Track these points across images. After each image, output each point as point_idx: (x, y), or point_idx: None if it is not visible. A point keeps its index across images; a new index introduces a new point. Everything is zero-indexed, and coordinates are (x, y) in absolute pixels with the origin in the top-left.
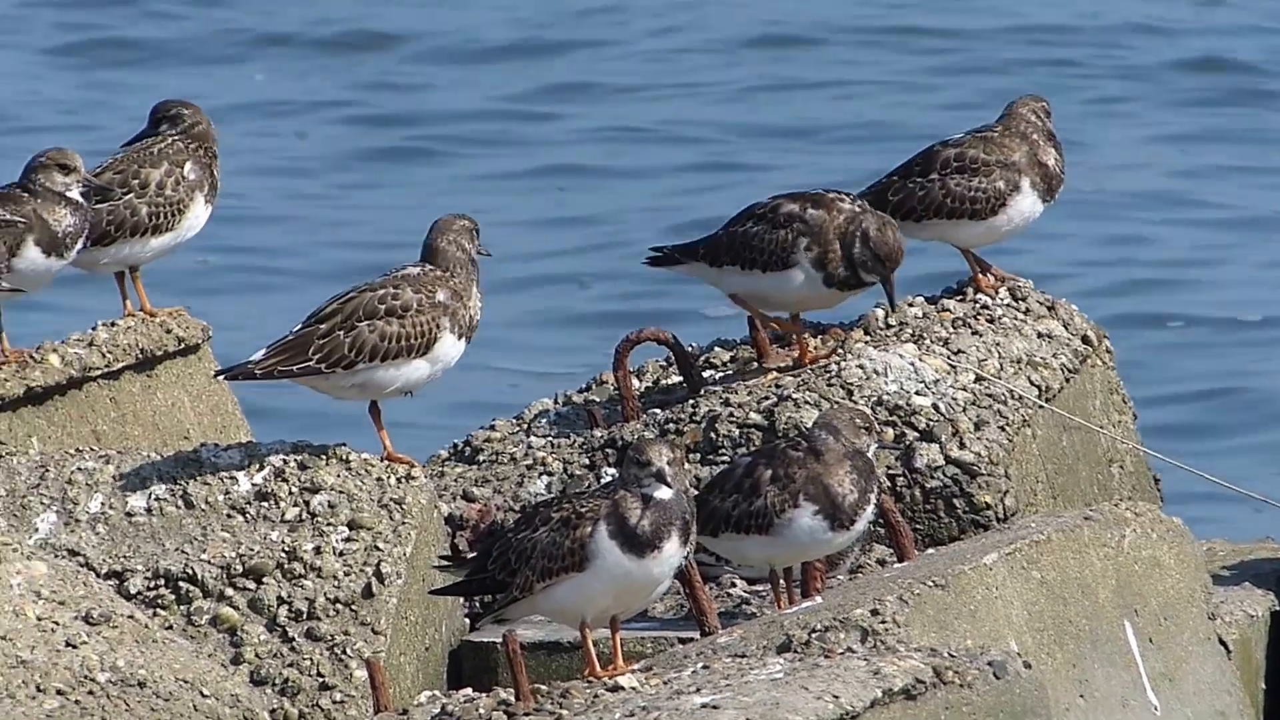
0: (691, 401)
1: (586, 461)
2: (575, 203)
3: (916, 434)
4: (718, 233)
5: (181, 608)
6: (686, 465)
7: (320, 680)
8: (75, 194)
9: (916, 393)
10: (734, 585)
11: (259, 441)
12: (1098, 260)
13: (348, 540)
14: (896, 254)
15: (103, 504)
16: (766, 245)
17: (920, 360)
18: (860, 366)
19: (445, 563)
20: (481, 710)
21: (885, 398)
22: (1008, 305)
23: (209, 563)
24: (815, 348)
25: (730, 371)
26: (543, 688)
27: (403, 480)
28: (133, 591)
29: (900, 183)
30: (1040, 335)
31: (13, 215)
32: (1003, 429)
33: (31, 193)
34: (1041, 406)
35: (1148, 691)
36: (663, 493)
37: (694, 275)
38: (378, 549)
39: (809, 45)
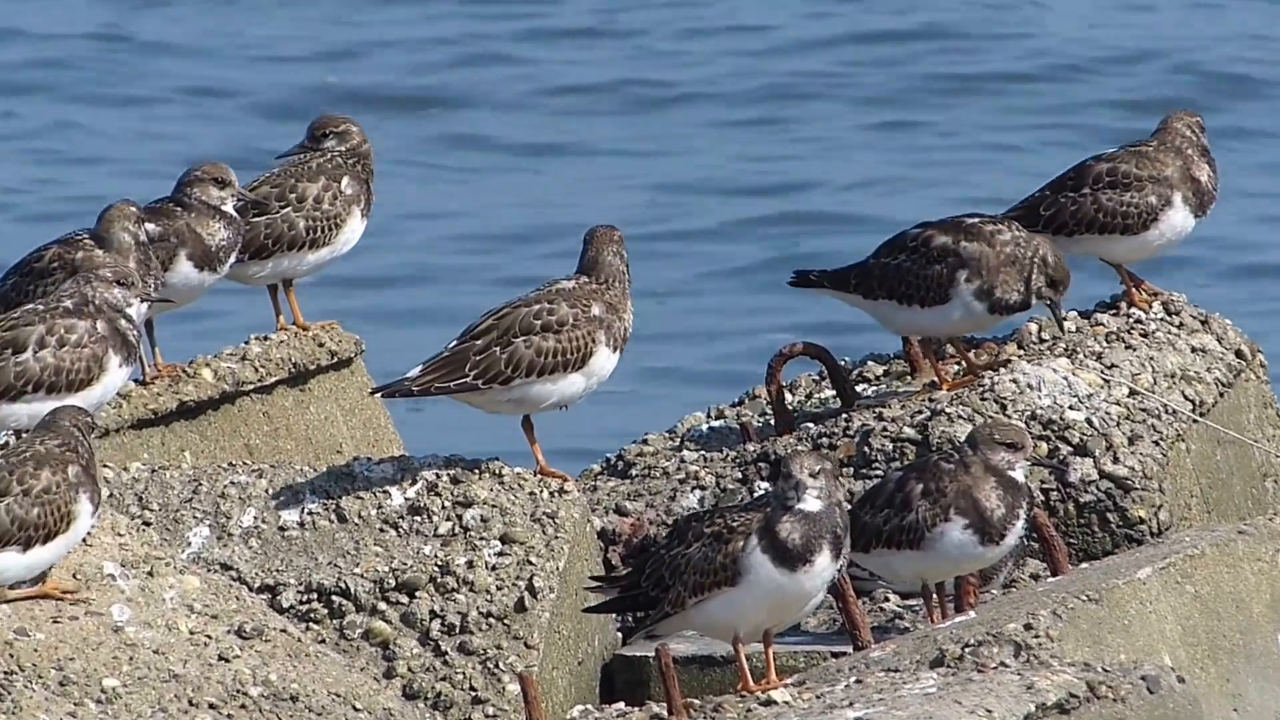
0: (845, 416)
1: (739, 475)
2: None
3: (1070, 448)
4: (868, 262)
5: (334, 622)
6: (840, 479)
7: (473, 694)
8: (229, 208)
9: (1070, 407)
10: (887, 599)
11: (412, 455)
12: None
13: (500, 554)
14: (1069, 279)
15: (255, 518)
16: (922, 281)
17: (1074, 374)
18: (1014, 381)
19: (597, 582)
20: None
21: (1039, 412)
22: (1161, 319)
23: (362, 577)
24: (954, 375)
25: (883, 386)
26: (695, 702)
27: (556, 494)
28: (285, 605)
29: (1052, 197)
30: (1194, 350)
31: (164, 230)
32: (1156, 443)
33: (185, 207)
34: (1195, 421)
35: None
36: (809, 505)
37: (843, 301)
38: (530, 563)
39: None
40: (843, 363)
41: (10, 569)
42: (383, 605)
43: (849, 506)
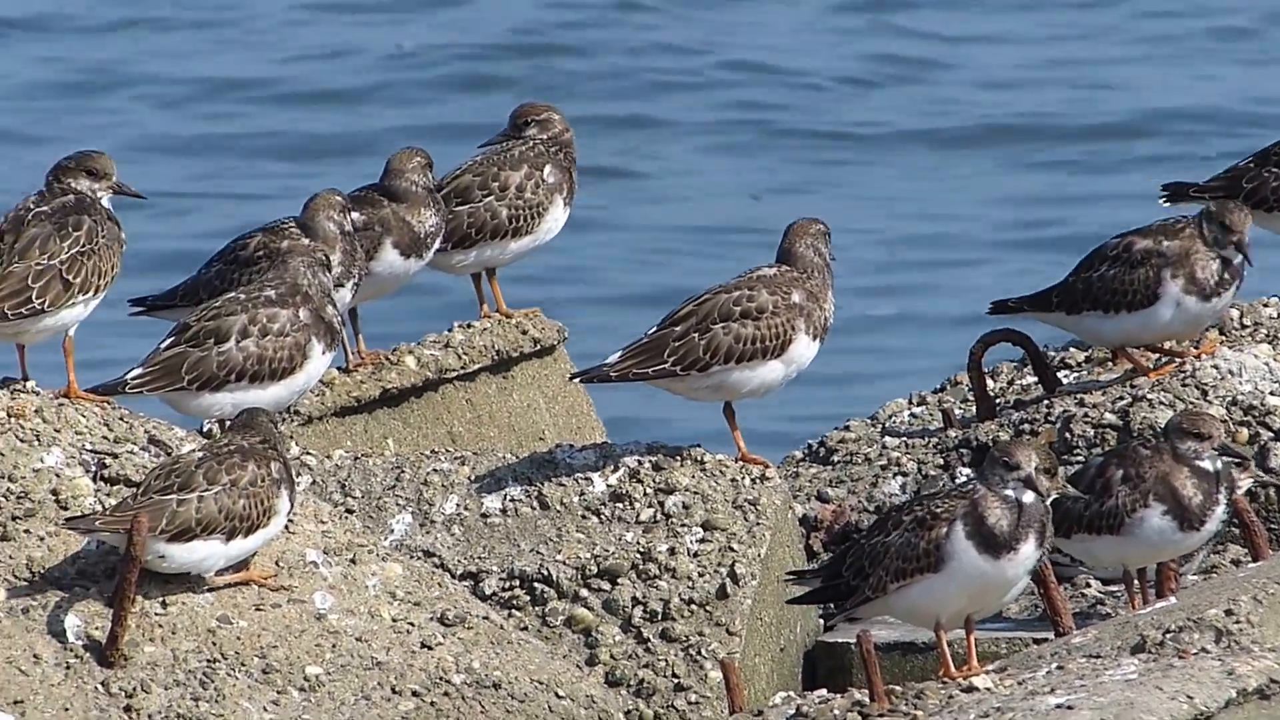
0: (1046, 402)
1: (941, 462)
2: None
3: (1271, 434)
4: (1069, 280)
5: (536, 609)
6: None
7: (675, 681)
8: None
9: (1271, 393)
10: (1089, 585)
11: (614, 442)
12: None
13: (702, 541)
14: (1237, 216)
15: (458, 505)
16: (1128, 285)
17: (1275, 360)
18: (1215, 367)
19: (795, 575)
20: (836, 711)
21: (1240, 398)
22: None
23: (564, 564)
24: (1156, 363)
25: (1085, 372)
26: (897, 688)
27: (757, 481)
28: (488, 592)
29: (1255, 170)
30: None
31: (370, 219)
32: None
33: (392, 195)
34: None
35: None
36: (1020, 493)
37: (1045, 322)
38: (732, 550)
39: None
40: (1044, 349)
41: (211, 558)
42: (585, 592)
43: None
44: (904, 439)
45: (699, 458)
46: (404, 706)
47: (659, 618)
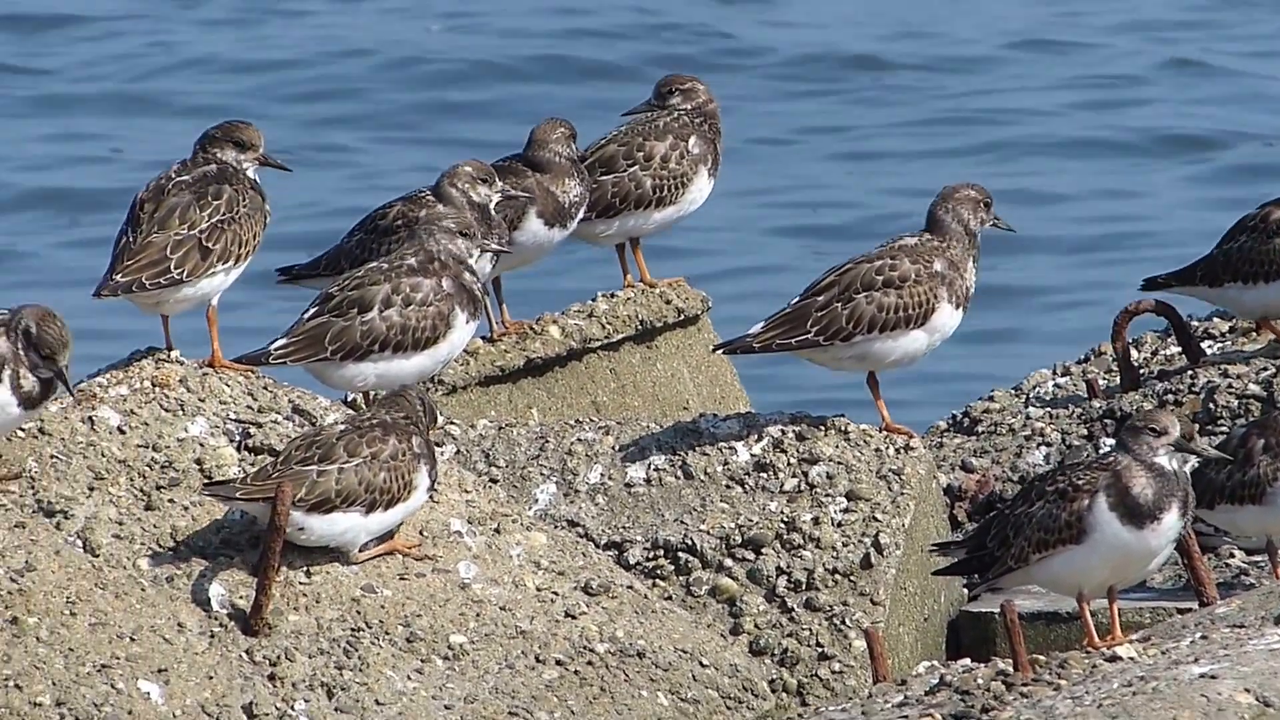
0: (1190, 372)
1: (1085, 432)
2: None
3: None
4: (1212, 253)
5: (680, 578)
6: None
7: (819, 650)
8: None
9: None
10: (1232, 555)
11: (758, 412)
12: None
13: (846, 511)
14: None
15: (602, 475)
16: (1263, 256)
17: None
18: None
19: (939, 547)
20: (980, 680)
21: None
22: None
23: (708, 533)
24: None
25: (1229, 342)
26: (1040, 658)
27: (901, 451)
28: (632, 562)
29: None
30: None
31: (514, 189)
32: None
33: (536, 165)
34: None
35: None
36: (1164, 462)
37: (1191, 296)
38: (876, 520)
39: None
40: (1188, 319)
41: (351, 530)
42: (729, 562)
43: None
44: (1048, 409)
45: (843, 427)
46: (548, 675)
47: (803, 587)
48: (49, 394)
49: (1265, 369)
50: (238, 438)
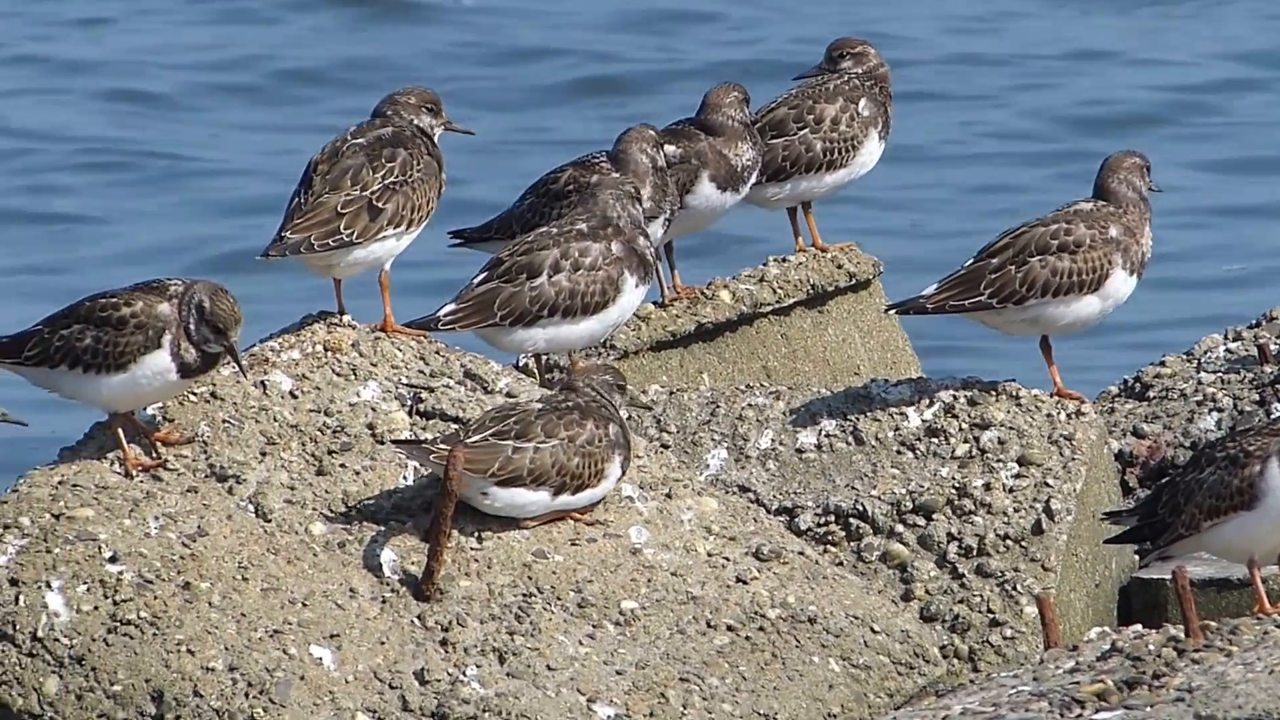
0: None
1: (1256, 398)
2: None
3: None
4: None
5: (851, 544)
6: None
7: (990, 617)
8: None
9: None
10: None
11: (928, 377)
12: None
13: (1017, 477)
14: None
15: (773, 440)
16: None
17: None
18: None
19: (1112, 516)
20: (1151, 646)
21: None
22: None
23: (879, 499)
24: None
25: None
26: (1212, 624)
27: (1073, 416)
28: (803, 527)
29: None
30: None
31: (686, 152)
32: None
33: (708, 129)
34: None
35: None
36: None
37: None
38: (1047, 485)
39: None
40: None
41: (534, 505)
42: (900, 527)
43: None
44: (1219, 374)
45: (1014, 392)
46: (719, 641)
47: (974, 553)
48: (211, 366)
49: None
50: (409, 402)
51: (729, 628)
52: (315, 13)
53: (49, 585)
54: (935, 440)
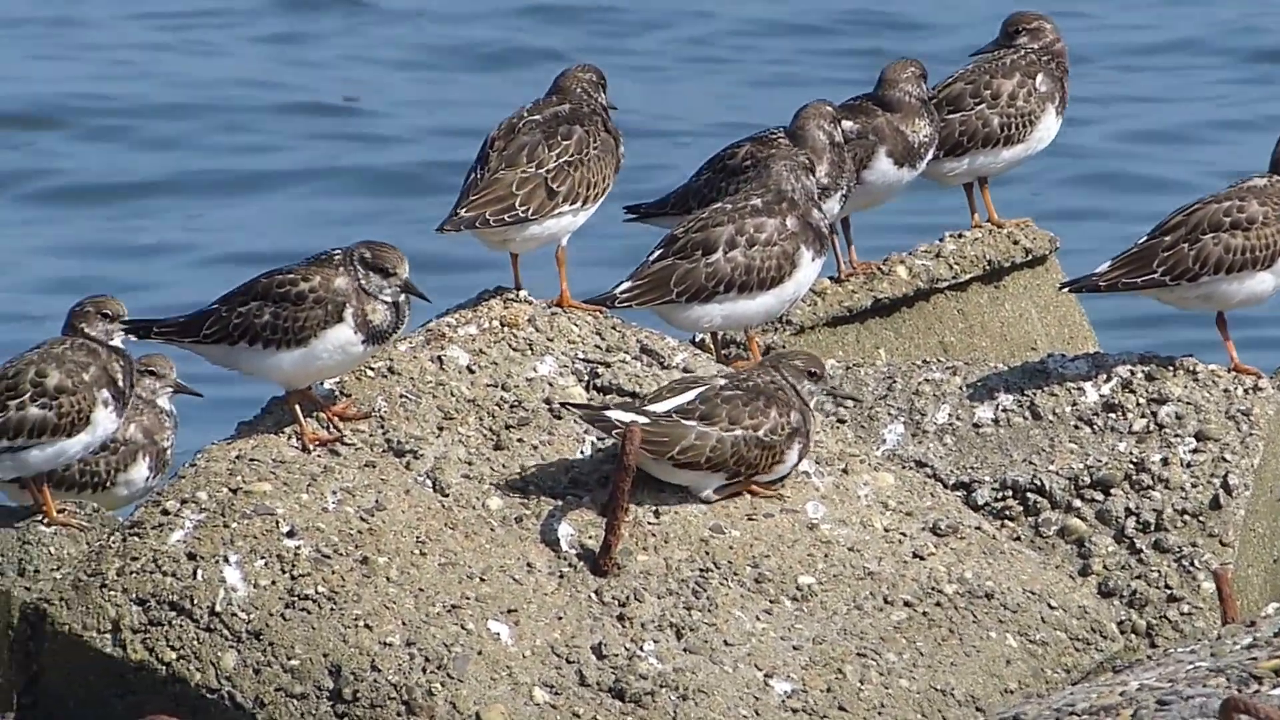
0: None
1: None
2: None
3: None
4: None
5: (1029, 519)
6: None
7: (1168, 592)
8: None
9: None
10: None
11: (1106, 352)
12: None
13: (1195, 451)
14: None
15: (950, 415)
16: None
17: None
18: None
19: None
20: None
21: None
22: None
23: (1057, 474)
24: None
25: None
26: None
27: (1250, 391)
28: (980, 503)
29: None
30: None
31: (863, 128)
32: None
33: (886, 105)
34: None
35: None
36: None
37: None
38: (1225, 460)
39: None
40: None
41: (709, 483)
42: (1077, 502)
43: None
44: None
45: (1191, 368)
46: (896, 616)
47: (1152, 528)
48: (397, 327)
49: None
50: (586, 377)
51: (906, 603)
52: None
53: (226, 560)
54: (1113, 415)
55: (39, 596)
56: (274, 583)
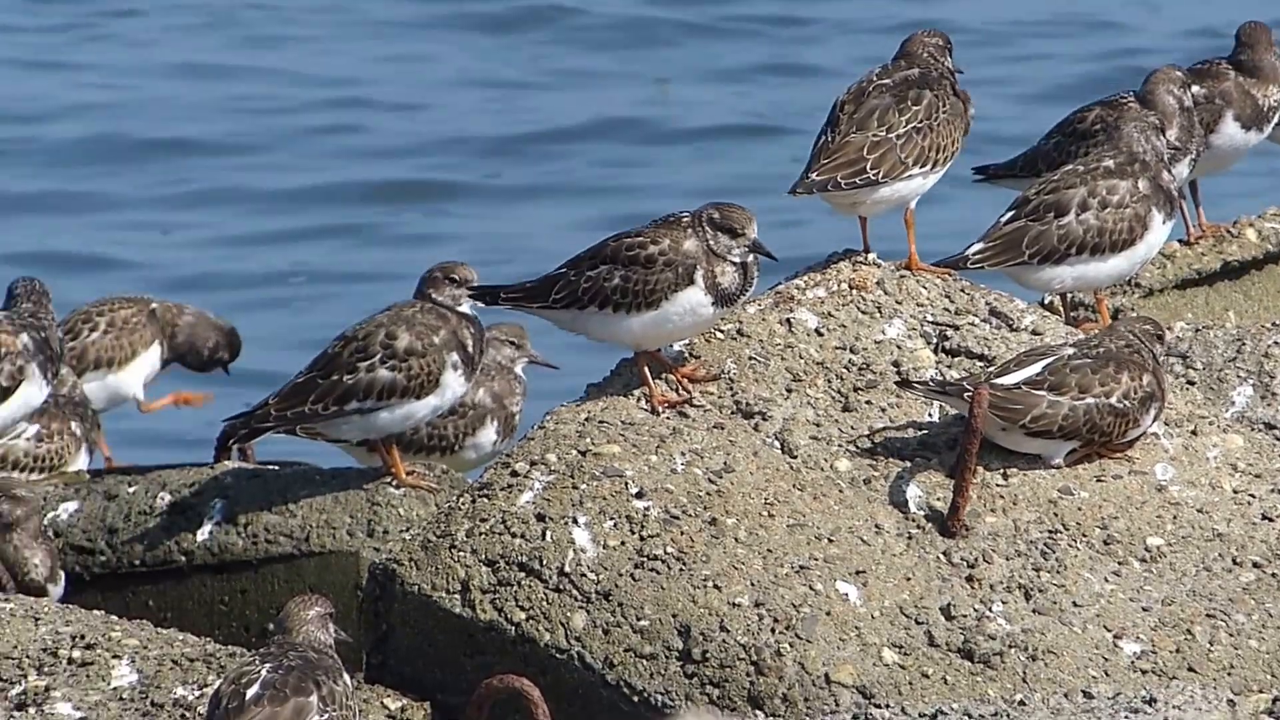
0: None
1: None
2: None
3: None
4: None
5: None
6: None
7: None
8: None
9: None
10: None
11: None
12: None
13: None
14: None
15: None
16: None
17: None
18: None
19: None
20: None
21: None
22: None
23: None
24: None
25: None
26: None
27: None
28: None
29: None
30: None
31: (1210, 92)
32: None
33: (1242, 67)
34: None
35: None
36: None
37: None
38: None
39: None
40: None
41: (1056, 454)
42: None
43: None
44: None
45: None
46: (1244, 578)
47: None
48: (746, 288)
49: None
50: (934, 340)
51: (1254, 565)
52: None
53: (575, 521)
54: None
55: (388, 557)
56: (623, 543)
